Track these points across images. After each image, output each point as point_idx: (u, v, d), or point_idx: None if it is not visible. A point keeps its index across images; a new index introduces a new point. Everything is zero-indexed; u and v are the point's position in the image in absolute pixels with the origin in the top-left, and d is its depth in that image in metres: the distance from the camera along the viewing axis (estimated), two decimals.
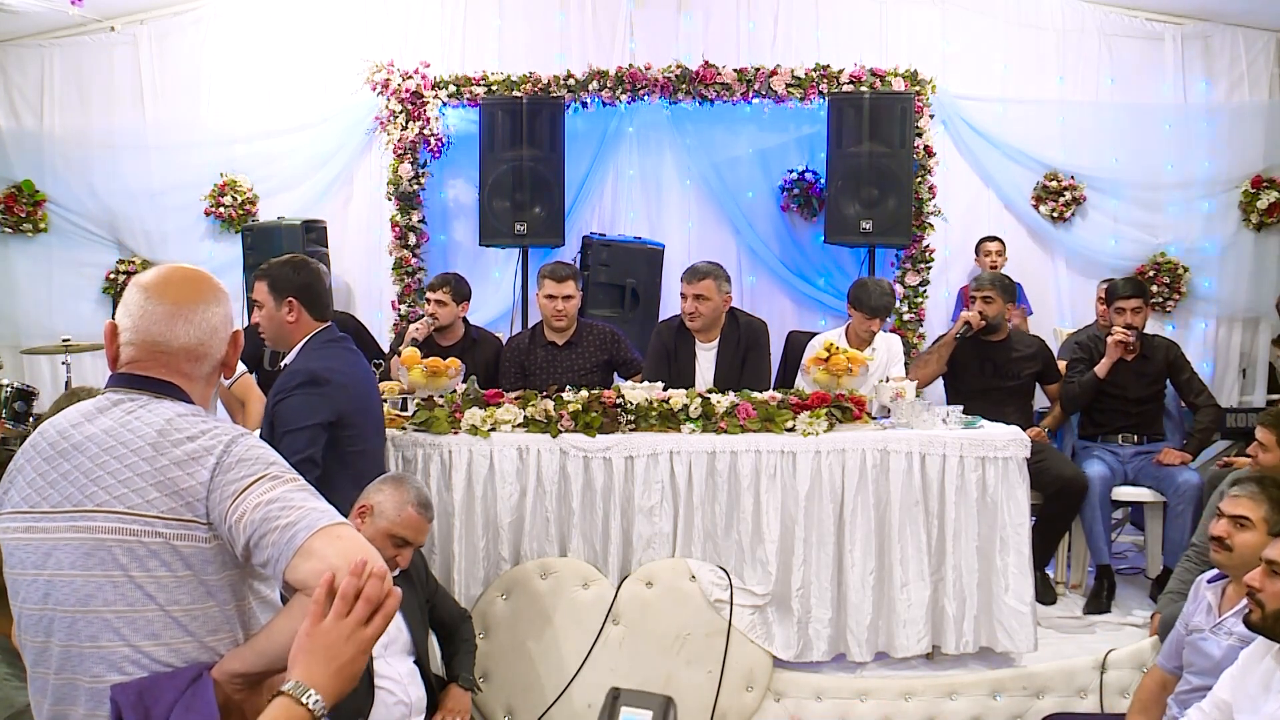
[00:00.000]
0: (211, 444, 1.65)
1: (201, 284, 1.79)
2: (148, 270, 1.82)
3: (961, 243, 6.58)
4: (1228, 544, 2.95)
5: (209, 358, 1.78)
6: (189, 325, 1.75)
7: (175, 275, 1.80)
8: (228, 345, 1.81)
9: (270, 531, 1.55)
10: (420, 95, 6.42)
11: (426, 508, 2.99)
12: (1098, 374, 4.95)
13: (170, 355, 1.74)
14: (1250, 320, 6.71)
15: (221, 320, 1.80)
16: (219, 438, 1.66)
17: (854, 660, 3.85)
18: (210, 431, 1.66)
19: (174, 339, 1.74)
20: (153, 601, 1.62)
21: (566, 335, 4.77)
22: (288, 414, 3.13)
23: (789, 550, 3.82)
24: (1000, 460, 3.86)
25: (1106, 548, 4.81)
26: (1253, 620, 2.49)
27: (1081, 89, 6.57)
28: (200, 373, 1.78)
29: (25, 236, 6.71)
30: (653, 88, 6.36)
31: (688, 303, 4.60)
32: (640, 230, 6.55)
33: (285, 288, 3.29)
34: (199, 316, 1.75)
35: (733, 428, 3.85)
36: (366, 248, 6.67)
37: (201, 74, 6.66)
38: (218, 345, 1.79)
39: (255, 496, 1.58)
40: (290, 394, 3.15)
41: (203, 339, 1.76)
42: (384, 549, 2.91)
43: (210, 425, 1.68)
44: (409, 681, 2.97)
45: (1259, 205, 6.51)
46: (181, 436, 1.65)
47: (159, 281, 1.77)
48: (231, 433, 1.68)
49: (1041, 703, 3.66)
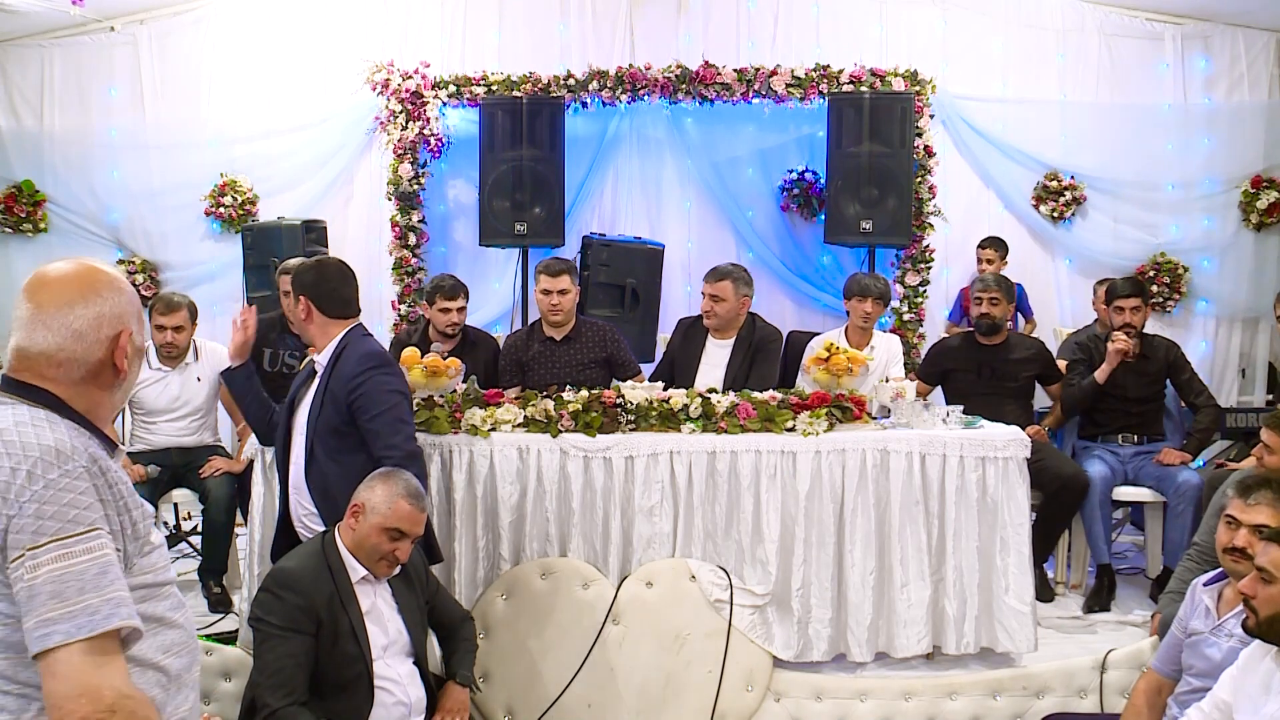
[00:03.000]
0: (16, 468, 1.57)
1: (71, 284, 1.71)
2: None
3: (962, 243, 6.57)
4: (1250, 554, 2.77)
5: (74, 362, 1.69)
6: (46, 330, 1.69)
7: (48, 276, 1.73)
8: (104, 348, 1.71)
9: (34, 612, 1.51)
10: (420, 95, 6.42)
11: (418, 498, 2.99)
12: (1097, 380, 4.95)
13: (31, 360, 1.70)
14: (1250, 320, 6.71)
15: (89, 322, 1.70)
16: (21, 465, 1.58)
17: (854, 660, 3.85)
18: (18, 454, 1.58)
19: (32, 344, 1.69)
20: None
21: (564, 331, 4.78)
22: (377, 393, 3.23)
23: (789, 550, 3.83)
24: (1000, 460, 3.87)
25: (1106, 547, 4.82)
26: (1248, 626, 2.49)
27: (1081, 89, 6.57)
28: (69, 377, 1.70)
29: (25, 236, 6.71)
30: (653, 88, 6.36)
31: (705, 301, 4.80)
32: (640, 230, 6.55)
33: (297, 286, 3.42)
34: (59, 320, 1.68)
35: (733, 428, 3.86)
36: (366, 248, 6.66)
37: (201, 74, 6.66)
38: (85, 349, 1.70)
39: (45, 566, 1.52)
40: (368, 376, 3.23)
41: (62, 344, 1.69)
42: (380, 543, 2.92)
43: (24, 443, 1.60)
44: (408, 682, 2.97)
45: (1259, 205, 6.51)
46: (1, 451, 1.59)
47: (31, 283, 1.74)
48: (33, 461, 1.58)
49: (1041, 703, 3.65)
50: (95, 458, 1.65)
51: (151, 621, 1.69)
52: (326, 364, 3.32)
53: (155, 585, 1.71)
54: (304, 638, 2.82)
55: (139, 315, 1.80)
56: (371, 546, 2.93)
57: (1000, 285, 5.04)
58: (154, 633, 1.69)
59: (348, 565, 2.95)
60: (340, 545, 2.98)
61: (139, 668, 1.66)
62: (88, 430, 1.70)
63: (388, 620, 2.99)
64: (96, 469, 1.63)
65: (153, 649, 1.69)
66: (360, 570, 2.96)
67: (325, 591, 2.88)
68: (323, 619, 2.85)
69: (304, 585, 2.86)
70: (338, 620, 2.87)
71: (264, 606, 2.87)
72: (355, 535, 2.95)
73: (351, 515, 2.97)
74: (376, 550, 2.93)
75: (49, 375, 1.70)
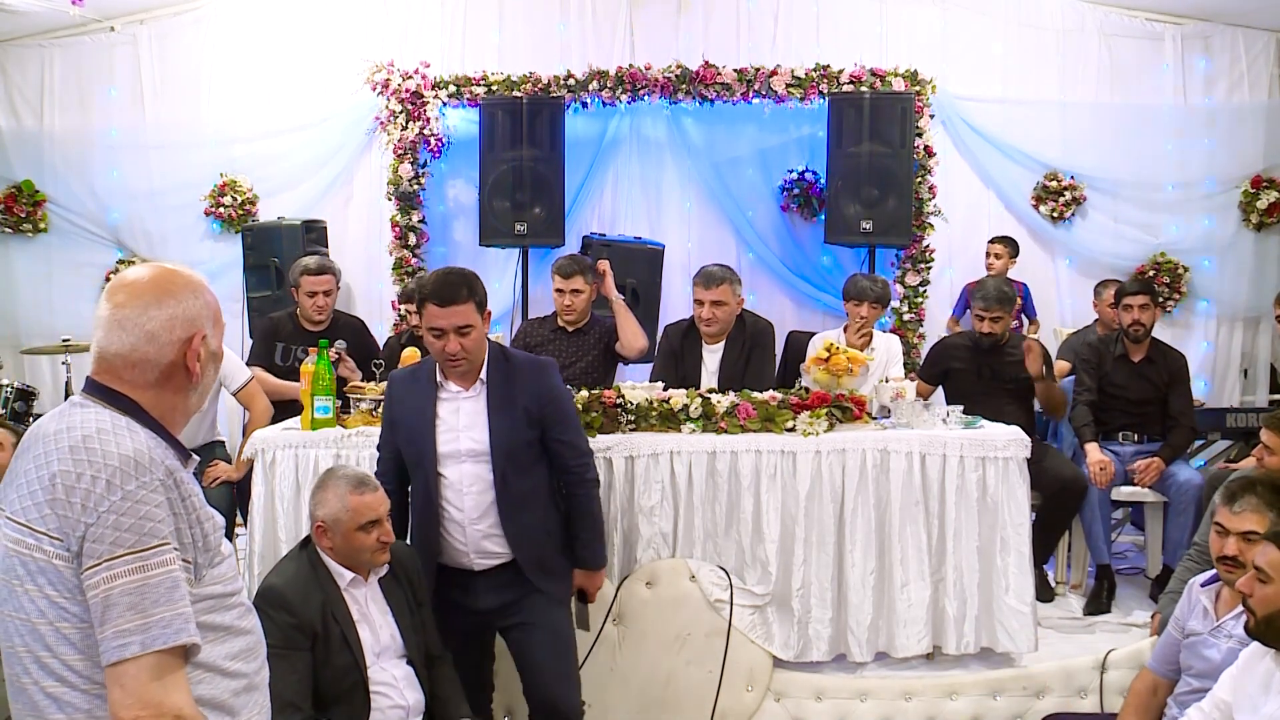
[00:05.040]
0: (96, 476, 1.59)
1: (147, 286, 1.73)
2: None
3: (962, 243, 6.57)
4: (1242, 561, 2.76)
5: (148, 364, 1.71)
6: (123, 331, 1.70)
7: (127, 278, 1.76)
8: (176, 350, 1.72)
9: (110, 622, 1.54)
10: (420, 95, 6.42)
11: (364, 482, 2.94)
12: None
13: (109, 361, 1.71)
14: (1251, 320, 6.71)
15: (163, 324, 1.71)
16: (101, 474, 1.59)
17: (854, 661, 3.85)
18: (99, 463, 1.60)
19: (109, 345, 1.71)
20: (44, 617, 1.61)
21: (578, 326, 4.81)
22: (568, 403, 3.28)
23: (789, 550, 3.82)
24: (1000, 460, 3.86)
25: (1106, 548, 4.82)
26: (1248, 628, 2.48)
27: (1081, 89, 6.56)
28: (144, 380, 1.71)
29: (25, 236, 6.71)
30: (653, 88, 6.36)
31: (705, 309, 4.59)
32: (640, 230, 6.55)
33: (477, 297, 3.15)
34: (135, 321, 1.70)
35: (733, 428, 3.85)
36: (366, 248, 6.66)
37: (201, 74, 6.66)
38: (158, 350, 1.71)
39: (123, 577, 1.55)
40: (555, 385, 3.21)
41: (136, 344, 1.70)
42: (363, 541, 2.89)
43: (105, 451, 1.61)
44: (404, 685, 2.94)
45: (1259, 205, 6.51)
46: (83, 458, 1.60)
47: (111, 285, 1.77)
48: (112, 470, 1.59)
49: (1041, 703, 3.65)
50: (171, 470, 1.66)
51: (220, 630, 1.71)
52: (485, 376, 3.14)
53: (224, 595, 1.73)
54: (301, 653, 2.80)
55: (216, 319, 1.80)
56: (357, 549, 2.90)
57: (1002, 302, 4.98)
58: (222, 640, 1.72)
59: (334, 573, 2.91)
60: (323, 554, 2.94)
61: (210, 674, 1.69)
62: (164, 439, 1.71)
63: (379, 625, 2.95)
64: (171, 481, 1.64)
65: (222, 656, 1.71)
66: (348, 575, 2.92)
67: (316, 603, 2.84)
68: (317, 632, 2.82)
69: (294, 602, 2.82)
70: (330, 631, 2.83)
71: None
72: (337, 552, 2.91)
73: (321, 536, 2.92)
74: (364, 548, 2.90)
75: (125, 377, 1.71)
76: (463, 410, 3.13)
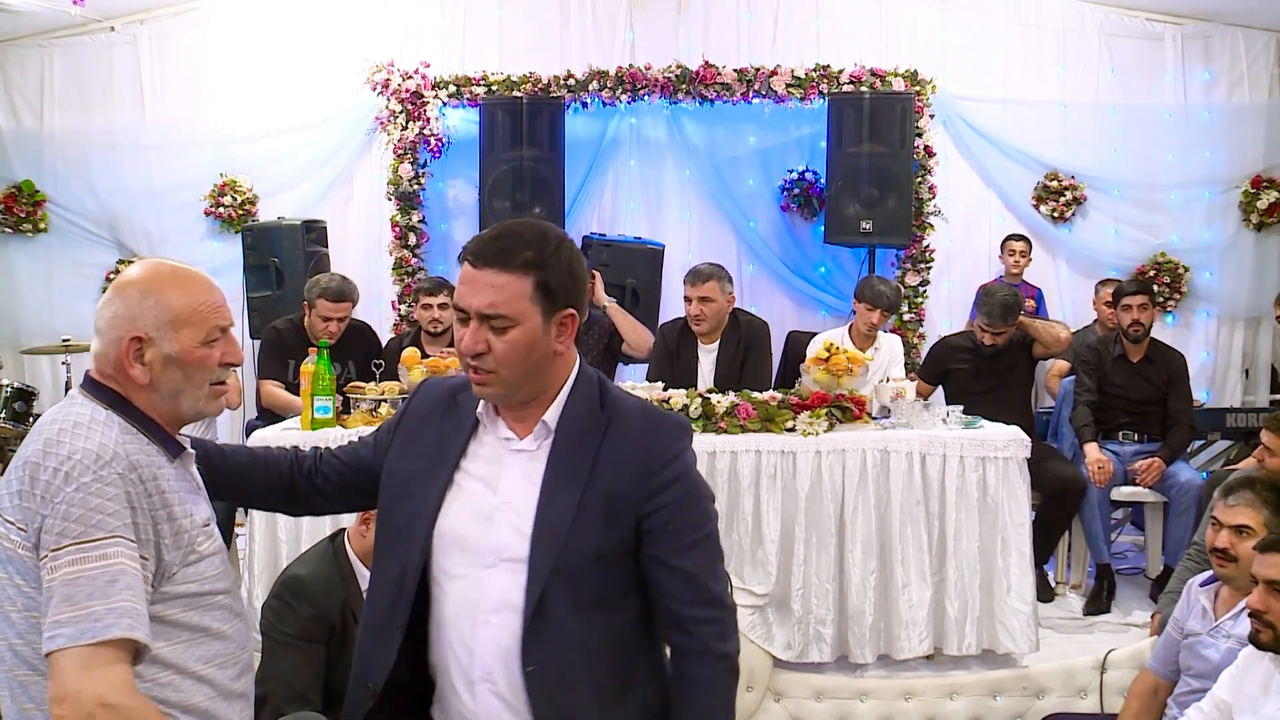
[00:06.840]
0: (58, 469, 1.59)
1: (116, 282, 1.77)
2: None
3: (962, 243, 6.58)
4: (1232, 555, 2.82)
5: (104, 358, 1.73)
6: (96, 325, 1.75)
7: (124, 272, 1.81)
8: (117, 348, 1.71)
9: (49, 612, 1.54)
10: (420, 95, 6.42)
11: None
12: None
13: (94, 356, 1.76)
14: (1251, 320, 6.70)
15: (108, 321, 1.72)
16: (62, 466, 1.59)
17: (855, 662, 3.85)
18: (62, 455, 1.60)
19: (94, 339, 1.76)
20: (14, 605, 1.62)
21: None
22: (698, 500, 1.94)
23: (789, 551, 3.82)
24: (1000, 460, 3.86)
25: (1106, 548, 4.82)
26: (1263, 641, 2.45)
27: (1081, 89, 6.56)
28: (110, 374, 1.73)
29: (25, 236, 6.70)
30: (653, 88, 6.36)
31: (693, 306, 4.64)
32: (640, 230, 6.54)
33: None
34: (99, 315, 1.74)
35: (733, 428, 3.85)
36: (366, 248, 6.66)
37: (201, 74, 6.65)
38: (106, 347, 1.73)
39: (64, 568, 1.54)
40: (682, 464, 1.93)
41: (100, 341, 1.74)
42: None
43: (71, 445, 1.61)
44: None
45: (1259, 205, 6.51)
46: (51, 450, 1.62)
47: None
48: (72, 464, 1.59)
49: (1041, 703, 3.65)
50: (138, 465, 1.64)
51: (195, 631, 1.69)
52: (558, 419, 1.83)
53: (200, 595, 1.70)
54: (318, 646, 2.78)
55: (179, 322, 1.71)
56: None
57: (1006, 319, 4.98)
58: (197, 642, 1.69)
59: (357, 572, 2.89)
60: (350, 551, 2.91)
61: (181, 676, 1.67)
62: (148, 433, 1.71)
63: None
64: (136, 476, 1.63)
65: (195, 659, 1.69)
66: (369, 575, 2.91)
67: (337, 599, 2.83)
68: (335, 627, 2.81)
69: (317, 595, 2.81)
70: (347, 629, 2.83)
71: (277, 614, 2.81)
72: (367, 542, 2.79)
73: (362, 523, 2.87)
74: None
75: (104, 371, 1.74)
76: (507, 472, 1.81)
